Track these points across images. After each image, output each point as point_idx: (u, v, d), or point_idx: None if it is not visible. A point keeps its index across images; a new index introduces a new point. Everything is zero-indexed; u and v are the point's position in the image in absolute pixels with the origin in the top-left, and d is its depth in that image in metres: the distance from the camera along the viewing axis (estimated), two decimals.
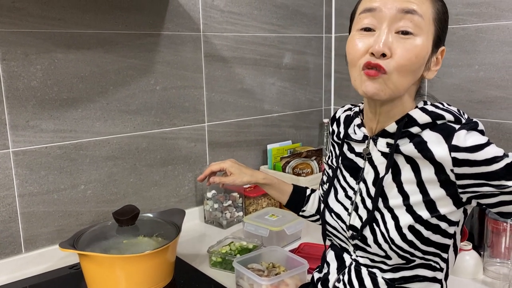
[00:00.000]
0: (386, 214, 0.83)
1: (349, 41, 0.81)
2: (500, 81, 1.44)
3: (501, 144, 1.45)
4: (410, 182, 0.81)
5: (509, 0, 1.39)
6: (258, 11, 1.72)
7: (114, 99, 1.41)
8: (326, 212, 0.94)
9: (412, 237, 0.80)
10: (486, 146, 0.74)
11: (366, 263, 0.88)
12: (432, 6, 0.77)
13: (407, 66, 0.75)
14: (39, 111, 1.27)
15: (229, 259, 1.25)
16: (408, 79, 0.78)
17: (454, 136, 0.76)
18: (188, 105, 1.58)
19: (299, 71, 1.91)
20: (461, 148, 0.74)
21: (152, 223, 1.24)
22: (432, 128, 0.79)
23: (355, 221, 0.87)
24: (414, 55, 0.75)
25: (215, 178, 1.14)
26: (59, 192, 1.34)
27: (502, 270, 1.20)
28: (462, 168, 0.75)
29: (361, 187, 0.88)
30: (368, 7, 0.77)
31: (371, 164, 0.86)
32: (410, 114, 0.81)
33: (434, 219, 0.80)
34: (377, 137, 0.85)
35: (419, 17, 0.74)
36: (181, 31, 1.53)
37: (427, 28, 0.76)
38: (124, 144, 1.45)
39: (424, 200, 0.80)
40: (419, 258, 0.83)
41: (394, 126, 0.82)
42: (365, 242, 0.85)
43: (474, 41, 1.49)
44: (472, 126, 0.78)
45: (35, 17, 1.23)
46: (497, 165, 0.74)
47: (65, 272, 1.27)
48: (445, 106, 0.83)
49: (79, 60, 1.32)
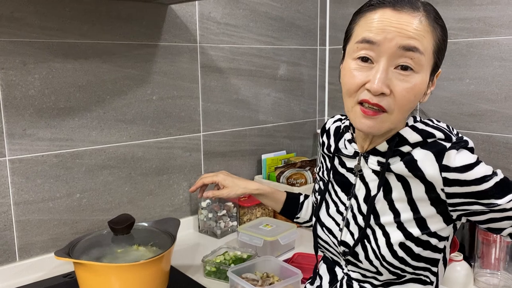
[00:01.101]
0: (378, 231, 0.83)
1: (345, 70, 0.78)
2: (490, 94, 1.47)
3: (491, 157, 1.48)
4: (401, 200, 0.81)
5: (498, 16, 1.43)
6: (254, 23, 1.75)
7: (111, 108, 1.42)
8: (318, 226, 0.94)
9: (403, 253, 0.81)
10: (475, 165, 0.75)
11: (357, 277, 0.89)
12: (433, 39, 0.74)
13: (407, 105, 0.75)
14: (36, 120, 1.28)
15: (223, 268, 1.26)
16: (406, 115, 0.78)
17: (445, 156, 0.76)
18: (184, 115, 1.60)
19: (294, 82, 1.94)
20: (451, 168, 0.75)
21: (147, 232, 1.24)
22: (423, 146, 0.79)
23: (347, 237, 0.87)
24: (414, 94, 0.74)
25: (209, 193, 1.14)
26: (54, 201, 1.34)
27: (493, 280, 1.21)
28: (453, 188, 0.76)
29: (352, 203, 0.88)
30: (368, 39, 0.73)
31: (362, 181, 0.86)
32: (401, 133, 0.80)
33: (425, 236, 0.80)
34: (368, 154, 0.85)
35: (420, 54, 0.72)
36: (178, 42, 1.55)
37: (427, 63, 0.74)
38: (120, 153, 1.46)
39: (415, 217, 0.80)
40: (409, 273, 0.83)
41: (385, 145, 0.82)
42: (356, 258, 0.86)
43: (465, 55, 1.52)
44: (462, 145, 0.78)
45: (33, 27, 1.25)
46: (486, 184, 0.74)
47: (60, 281, 1.26)
48: (435, 123, 0.83)
49: (77, 70, 1.34)
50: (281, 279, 1.18)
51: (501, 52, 1.44)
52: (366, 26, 0.74)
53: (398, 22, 0.71)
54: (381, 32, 0.72)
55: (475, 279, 1.24)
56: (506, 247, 1.21)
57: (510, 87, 1.43)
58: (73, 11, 1.31)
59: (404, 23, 0.71)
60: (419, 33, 0.72)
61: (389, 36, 0.71)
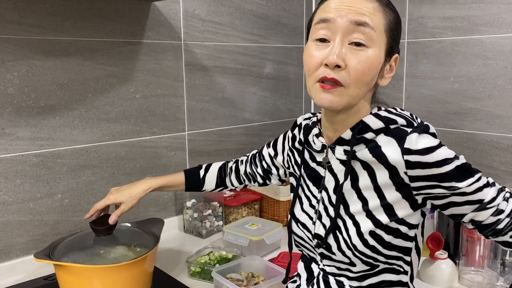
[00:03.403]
0: (348, 221, 0.84)
1: (306, 51, 0.83)
2: (474, 93, 1.48)
3: (475, 155, 1.49)
4: (367, 187, 0.83)
5: (482, 15, 1.44)
6: (239, 21, 1.74)
7: (93, 107, 1.40)
8: (293, 222, 0.95)
9: (374, 242, 0.82)
10: (437, 148, 0.76)
11: (333, 271, 0.90)
12: (384, 18, 0.79)
13: (361, 78, 0.78)
14: (15, 119, 1.25)
15: (208, 269, 1.25)
16: (363, 89, 0.80)
17: (406, 139, 0.77)
18: (168, 113, 1.58)
19: (280, 81, 1.93)
20: (413, 150, 0.76)
21: (130, 232, 1.22)
22: (386, 132, 0.81)
23: (320, 229, 0.89)
24: (367, 67, 0.78)
25: (112, 217, 1.13)
26: (35, 201, 1.31)
27: (477, 278, 1.22)
28: (415, 170, 0.77)
29: (323, 195, 0.89)
30: (323, 18, 0.79)
31: (331, 172, 0.88)
32: (363, 120, 0.82)
33: (394, 223, 0.82)
34: (334, 145, 0.86)
35: (370, 29, 0.77)
36: (162, 39, 1.53)
37: (379, 39, 0.78)
38: (103, 153, 1.44)
39: (381, 204, 0.81)
40: (382, 263, 0.84)
41: (349, 133, 0.84)
42: (329, 250, 0.87)
43: (449, 54, 1.53)
44: (423, 129, 0.80)
45: (12, 23, 1.22)
46: (448, 167, 0.76)
47: (40, 283, 1.24)
48: (398, 111, 0.85)
49: (58, 68, 1.31)
50: (266, 279, 1.18)
51: (484, 51, 1.45)
52: (323, 9, 0.81)
53: (350, 2, 0.78)
54: (335, 10, 0.78)
55: (459, 276, 1.25)
56: (490, 245, 1.22)
57: (493, 85, 1.44)
58: (53, 7, 1.28)
59: (356, 3, 0.78)
60: (369, 11, 0.77)
61: (342, 13, 0.77)
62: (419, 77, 1.62)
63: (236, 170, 1.23)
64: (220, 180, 1.23)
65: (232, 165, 1.24)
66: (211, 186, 1.23)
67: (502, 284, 1.20)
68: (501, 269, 1.23)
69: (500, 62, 1.42)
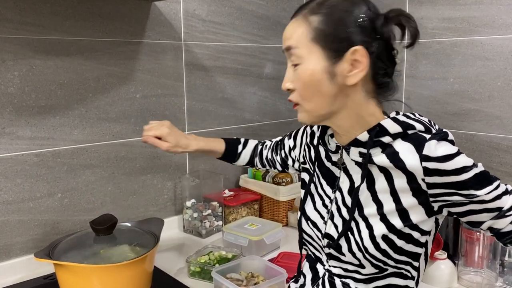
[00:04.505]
0: (361, 223, 0.84)
1: None
2: (474, 94, 1.48)
3: (474, 155, 1.49)
4: (384, 191, 0.82)
5: (482, 16, 1.44)
6: (239, 21, 1.74)
7: (93, 106, 1.40)
8: (303, 220, 0.95)
9: (386, 246, 0.82)
10: (456, 156, 0.76)
11: (339, 273, 0.89)
12: (307, 28, 0.80)
13: (305, 93, 0.82)
14: (15, 118, 1.25)
15: (207, 268, 1.25)
16: (317, 100, 0.82)
17: (425, 146, 0.77)
18: (168, 113, 1.58)
19: (280, 81, 1.90)
20: (431, 158, 0.76)
21: (130, 232, 1.22)
22: (404, 138, 0.81)
23: (331, 229, 0.89)
24: (305, 81, 0.81)
25: (148, 138, 1.15)
26: (35, 201, 1.31)
27: (476, 278, 1.22)
28: (433, 178, 0.77)
29: (337, 196, 0.89)
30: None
31: (346, 173, 0.88)
32: (381, 124, 0.82)
33: (407, 229, 0.81)
34: (349, 146, 0.86)
35: (294, 48, 0.81)
36: (162, 39, 1.53)
37: (307, 52, 0.80)
38: (103, 152, 1.44)
39: (397, 208, 0.81)
40: (391, 267, 0.84)
41: (366, 135, 0.83)
42: (339, 251, 0.87)
43: (449, 54, 1.53)
44: (442, 136, 0.79)
45: (13, 22, 1.22)
46: (466, 175, 0.75)
47: (40, 283, 1.24)
48: (416, 117, 0.84)
49: (58, 67, 1.31)
50: (266, 279, 1.18)
51: (484, 52, 1.45)
52: None
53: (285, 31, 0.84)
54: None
55: (459, 277, 1.25)
56: (489, 245, 1.22)
57: (493, 86, 1.44)
58: (54, 6, 1.28)
59: (286, 30, 0.84)
60: (291, 32, 0.82)
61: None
62: (418, 77, 1.62)
63: (261, 153, 1.25)
64: (251, 158, 1.26)
65: (260, 147, 1.26)
66: (243, 163, 1.27)
67: (501, 285, 1.20)
68: (500, 270, 1.23)
69: (499, 63, 1.42)
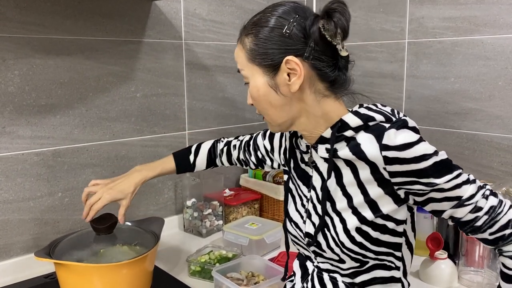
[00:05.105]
0: (335, 218, 0.85)
1: None
2: (475, 93, 1.48)
3: (475, 155, 1.49)
4: (351, 184, 0.83)
5: (483, 16, 1.44)
6: (240, 20, 1.73)
7: (94, 105, 1.40)
8: (287, 221, 0.97)
9: (361, 238, 0.83)
10: (416, 144, 0.76)
11: (327, 268, 0.91)
12: (244, 51, 0.86)
13: (260, 104, 0.87)
14: (16, 117, 1.25)
15: (208, 268, 1.25)
16: (273, 111, 0.86)
17: (384, 136, 0.78)
18: (168, 112, 1.58)
19: None
20: (390, 146, 0.77)
21: (130, 231, 1.22)
22: (366, 130, 0.82)
23: (310, 228, 0.90)
24: (254, 97, 0.87)
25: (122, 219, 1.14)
26: (35, 200, 1.31)
27: (476, 278, 1.22)
28: (394, 166, 0.77)
29: (312, 194, 0.90)
30: None
31: (317, 171, 0.89)
32: (342, 119, 0.83)
33: (379, 219, 0.82)
34: (316, 144, 0.87)
35: (242, 71, 0.88)
36: (163, 38, 1.53)
37: (249, 70, 0.86)
38: (103, 152, 1.44)
39: (366, 200, 0.82)
40: (372, 259, 0.85)
41: (329, 131, 0.85)
42: (320, 248, 0.88)
43: (450, 54, 1.53)
44: (401, 124, 0.79)
45: (13, 22, 1.22)
46: (425, 163, 0.76)
47: (40, 282, 1.24)
48: (378, 108, 0.85)
49: (58, 66, 1.31)
50: (266, 278, 1.18)
51: (485, 51, 1.45)
52: None
53: None
54: None
55: (459, 276, 1.25)
56: None
57: (494, 86, 1.44)
58: (54, 5, 1.28)
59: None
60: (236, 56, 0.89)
61: None
62: (419, 77, 1.62)
63: (228, 154, 1.24)
64: (210, 161, 1.26)
65: (224, 147, 1.25)
66: (202, 168, 1.27)
67: None
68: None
69: (500, 63, 1.42)
